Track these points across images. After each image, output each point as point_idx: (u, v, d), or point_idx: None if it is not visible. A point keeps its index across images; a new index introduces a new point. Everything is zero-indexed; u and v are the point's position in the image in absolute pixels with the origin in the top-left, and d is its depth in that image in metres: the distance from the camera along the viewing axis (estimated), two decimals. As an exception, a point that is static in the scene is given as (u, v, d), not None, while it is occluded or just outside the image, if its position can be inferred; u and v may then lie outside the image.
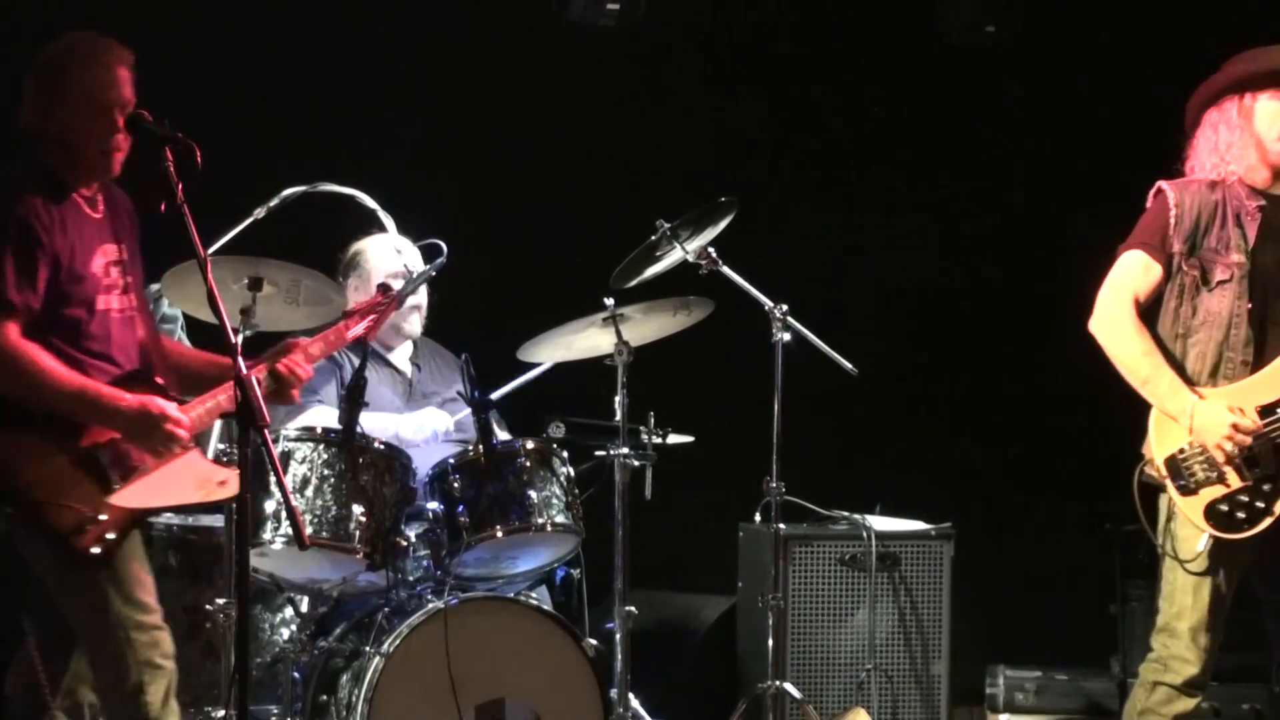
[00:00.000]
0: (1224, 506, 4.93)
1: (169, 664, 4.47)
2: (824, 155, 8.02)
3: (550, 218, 7.57)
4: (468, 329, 6.22)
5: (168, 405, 4.40)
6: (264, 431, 4.05)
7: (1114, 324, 5.06)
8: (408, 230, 6.00)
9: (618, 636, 5.68)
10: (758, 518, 6.61)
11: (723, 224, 6.05)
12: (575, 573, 5.91)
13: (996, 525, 7.63)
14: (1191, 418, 4.93)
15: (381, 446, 5.47)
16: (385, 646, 5.26)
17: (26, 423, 4.34)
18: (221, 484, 4.45)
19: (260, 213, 5.74)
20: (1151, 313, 5.10)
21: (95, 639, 4.43)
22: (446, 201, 6.82)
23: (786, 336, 6.05)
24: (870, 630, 6.58)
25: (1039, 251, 7.91)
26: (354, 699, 5.25)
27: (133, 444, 4.40)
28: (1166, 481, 4.99)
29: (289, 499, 4.45)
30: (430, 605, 5.33)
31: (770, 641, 6.16)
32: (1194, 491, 4.95)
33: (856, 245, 8.01)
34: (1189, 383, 4.99)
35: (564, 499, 5.56)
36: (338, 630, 5.58)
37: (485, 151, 7.44)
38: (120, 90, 4.45)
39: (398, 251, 6.01)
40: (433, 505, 5.51)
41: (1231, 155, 5.09)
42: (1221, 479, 4.93)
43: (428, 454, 5.71)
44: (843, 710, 6.24)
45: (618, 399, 5.76)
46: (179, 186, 4.20)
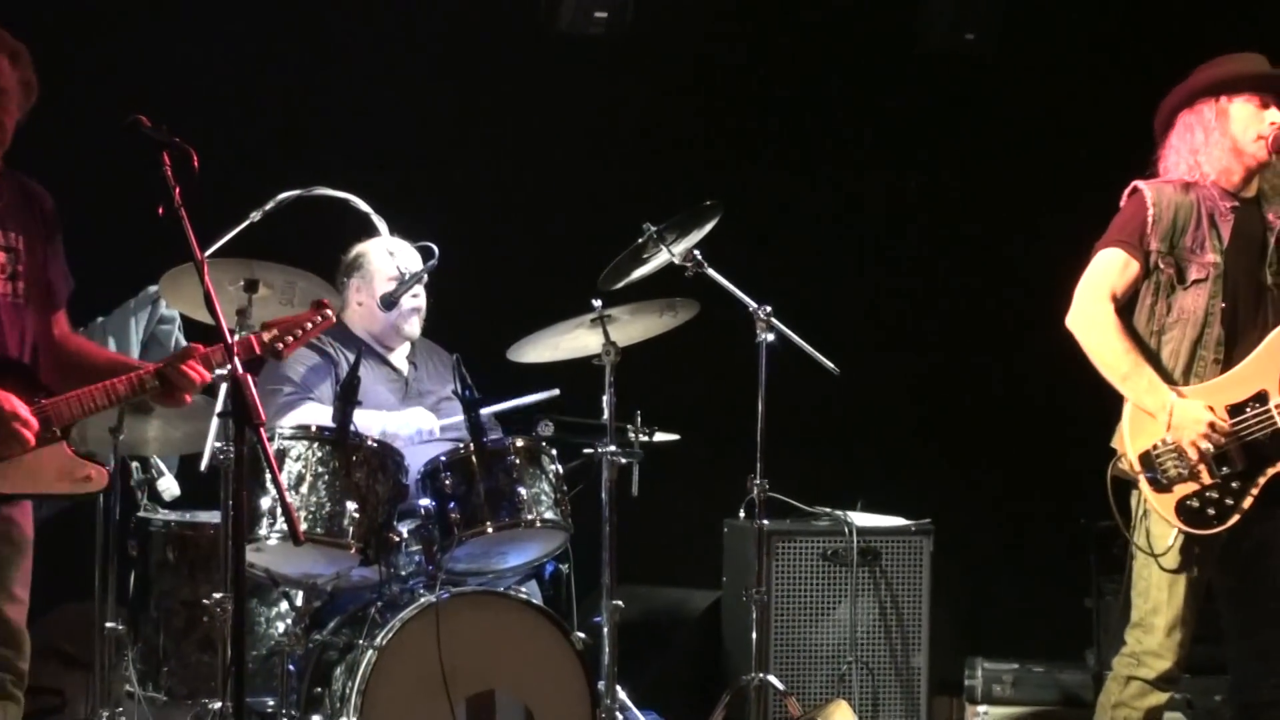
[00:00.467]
0: (1194, 503, 4.91)
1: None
2: (806, 160, 8.02)
3: (540, 221, 7.58)
4: (460, 329, 6.20)
5: (19, 405, 4.28)
6: (259, 430, 4.02)
7: (1093, 320, 5.03)
8: (401, 234, 5.99)
9: (605, 630, 5.68)
10: (742, 514, 6.59)
11: (708, 227, 6.06)
12: (564, 567, 5.89)
13: (975, 522, 7.64)
14: (1170, 414, 4.91)
15: (374, 444, 5.46)
16: (378, 640, 5.24)
17: None
18: (86, 479, 4.38)
19: (256, 216, 5.74)
20: (1126, 310, 5.07)
21: None
22: (439, 205, 6.81)
23: (770, 337, 6.03)
24: (852, 624, 6.58)
25: (1016, 253, 7.91)
26: (348, 691, 5.23)
27: None
28: (1140, 477, 4.96)
29: (284, 496, 4.40)
30: (422, 599, 5.32)
31: (754, 634, 6.14)
32: (1167, 488, 4.92)
33: (838, 247, 8.02)
34: (1168, 381, 4.98)
35: (553, 496, 5.55)
36: (332, 624, 5.56)
37: (477, 156, 7.45)
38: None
39: (390, 254, 6.01)
40: (425, 502, 5.50)
41: (1206, 157, 5.06)
42: (1193, 476, 4.91)
43: (419, 452, 5.69)
44: (825, 702, 6.23)
45: (605, 398, 5.77)
46: (176, 190, 4.17)
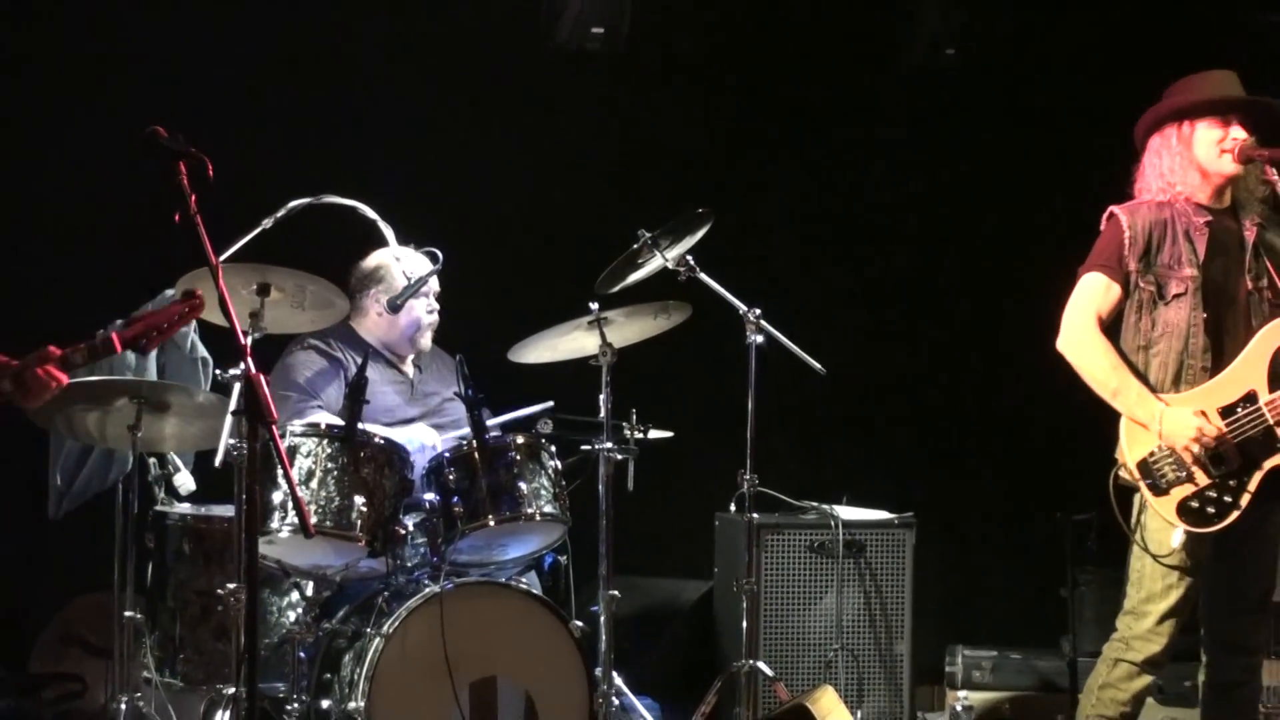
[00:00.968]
0: (1194, 503, 4.96)
1: None
2: (794, 170, 8.02)
3: (539, 227, 7.57)
4: (463, 331, 6.23)
5: None
6: (271, 427, 4.06)
7: (1081, 342, 5.09)
8: (406, 240, 6.01)
9: (602, 618, 5.69)
10: (733, 508, 6.60)
11: (700, 233, 6.07)
12: (562, 559, 5.92)
13: (955, 515, 7.64)
14: (1160, 423, 4.96)
15: (381, 441, 5.47)
16: (385, 628, 5.27)
17: None
18: None
19: (268, 223, 5.74)
20: (1113, 329, 5.13)
21: None
22: (443, 212, 6.82)
23: (759, 339, 6.06)
24: (838, 613, 6.60)
25: (994, 258, 7.93)
26: (356, 677, 5.25)
27: None
28: (1140, 483, 5.02)
29: (295, 490, 4.44)
30: (427, 590, 5.33)
31: (744, 623, 6.17)
32: (1165, 491, 4.97)
33: (824, 253, 8.02)
34: (1153, 391, 5.02)
35: (552, 490, 5.57)
36: (341, 613, 5.58)
37: (478, 165, 7.43)
38: None
39: (397, 259, 6.03)
40: (429, 496, 5.51)
41: (1176, 178, 5.13)
42: (1190, 478, 4.96)
43: (425, 455, 5.74)
44: (811, 687, 6.24)
45: (602, 397, 5.78)
46: (192, 198, 4.19)
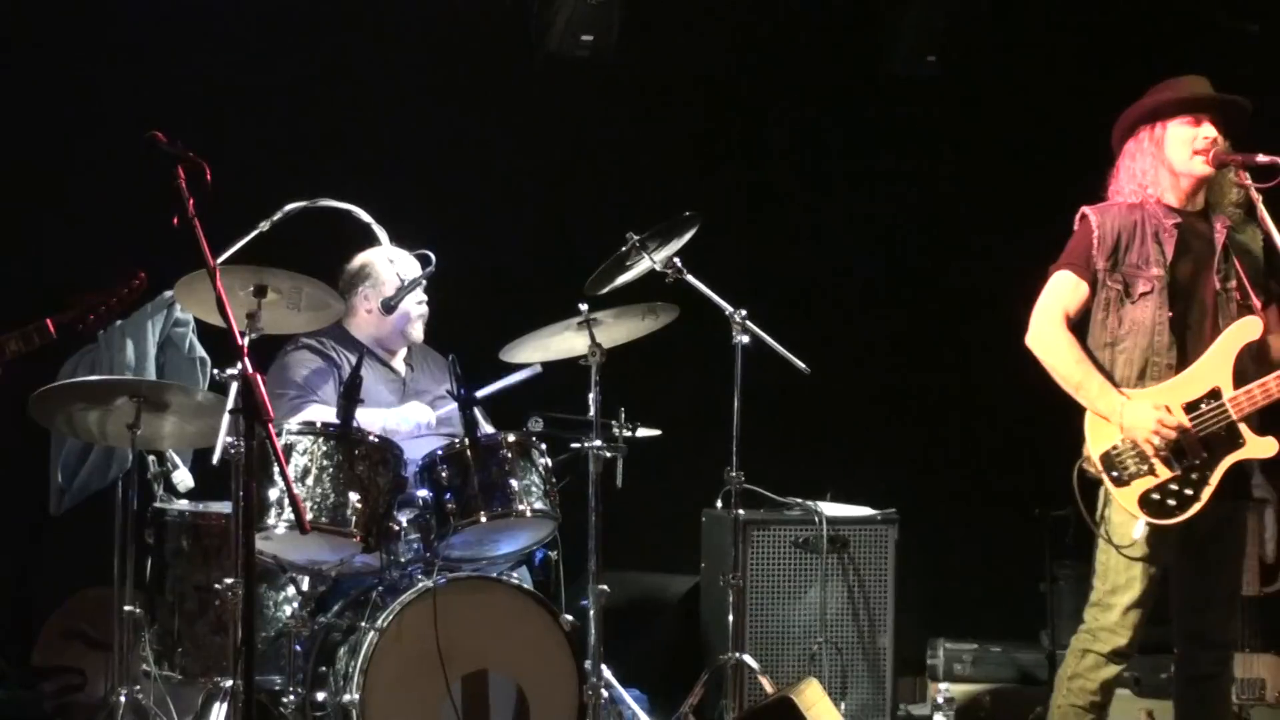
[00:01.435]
0: (1156, 495, 4.98)
1: None
2: (780, 173, 8.04)
3: (530, 230, 7.58)
4: (455, 331, 6.23)
5: None
6: (268, 426, 4.06)
7: (1047, 338, 5.12)
8: (399, 242, 6.02)
9: (591, 612, 5.69)
10: (719, 504, 6.60)
11: (687, 236, 6.09)
12: (553, 554, 5.91)
13: (937, 511, 7.65)
14: (1121, 416, 4.99)
15: (376, 439, 5.47)
16: (379, 622, 5.26)
17: None
18: None
19: (265, 226, 5.74)
20: (1081, 326, 5.15)
21: None
22: (435, 215, 6.82)
23: (745, 339, 6.08)
24: (822, 607, 6.60)
25: (977, 260, 7.93)
26: (351, 670, 5.24)
27: None
28: (1102, 475, 5.04)
29: (291, 487, 4.44)
30: (420, 584, 5.33)
31: (730, 617, 6.19)
32: (1127, 483, 5.00)
33: (807, 255, 8.03)
34: (1119, 387, 5.04)
35: (542, 487, 5.57)
36: (336, 607, 5.58)
37: (471, 170, 7.44)
38: None
39: (391, 261, 6.04)
40: (423, 493, 5.52)
41: (1148, 180, 5.14)
42: (1151, 471, 4.98)
43: (418, 446, 5.73)
44: (796, 680, 6.24)
45: (591, 396, 5.78)
46: (190, 202, 4.19)
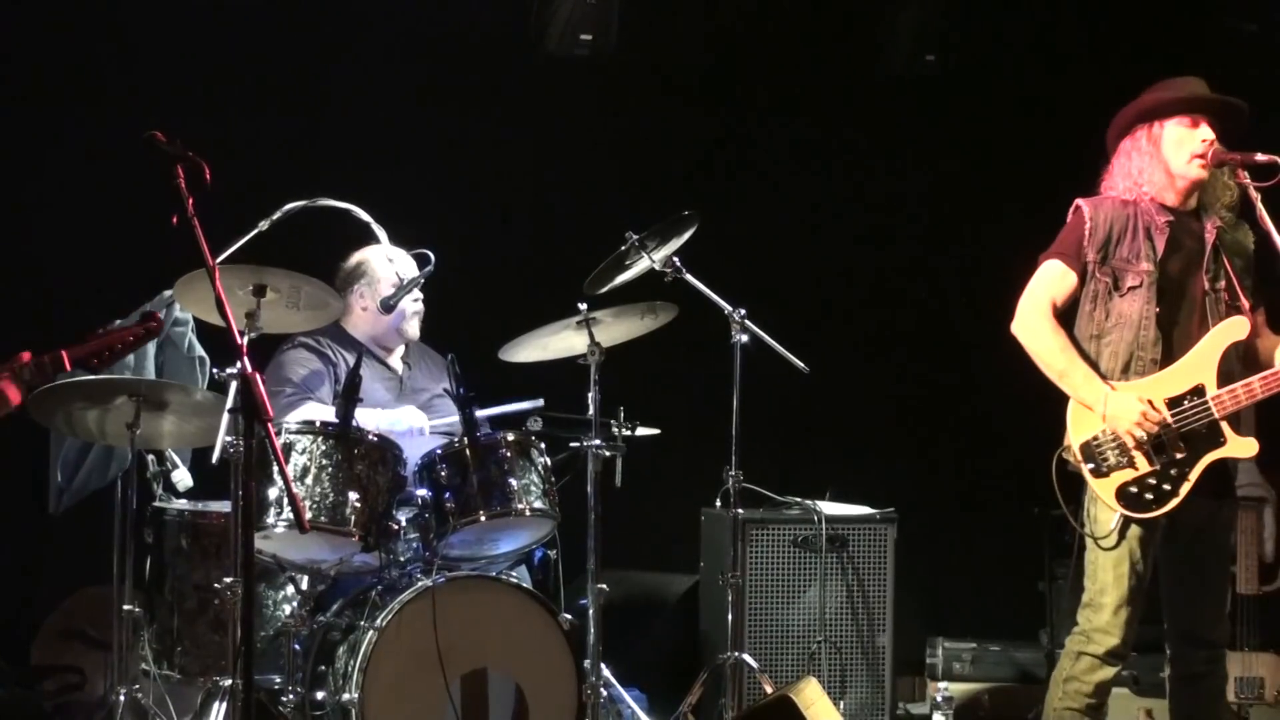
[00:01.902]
0: (1134, 488, 4.98)
1: None
2: (778, 172, 8.03)
3: (529, 230, 7.58)
4: (454, 330, 6.22)
5: None
6: (267, 425, 4.04)
7: (1032, 324, 5.12)
8: (399, 241, 6.00)
9: (590, 611, 5.68)
10: (718, 503, 6.59)
11: (686, 235, 6.08)
12: (552, 553, 5.90)
13: (935, 511, 7.66)
14: (1105, 406, 4.99)
15: (375, 438, 5.46)
16: (378, 621, 5.26)
17: None
18: None
19: (264, 225, 5.73)
20: (1068, 317, 5.15)
21: None
22: (434, 214, 6.80)
23: (744, 338, 6.06)
24: (821, 606, 6.59)
25: (973, 257, 7.94)
26: (350, 669, 5.25)
27: None
28: (1081, 465, 5.04)
29: (290, 486, 4.44)
30: (419, 583, 5.33)
31: (729, 616, 6.18)
32: (1106, 474, 5.00)
33: (807, 255, 8.02)
34: (1103, 378, 5.03)
35: (541, 486, 5.57)
36: (335, 606, 5.58)
37: (471, 169, 7.44)
38: None
39: (390, 260, 6.02)
40: (422, 492, 5.51)
41: (1144, 179, 5.14)
42: (1131, 463, 4.98)
43: (416, 446, 5.72)
44: (795, 679, 6.24)
45: (590, 395, 5.77)
46: (189, 201, 4.18)
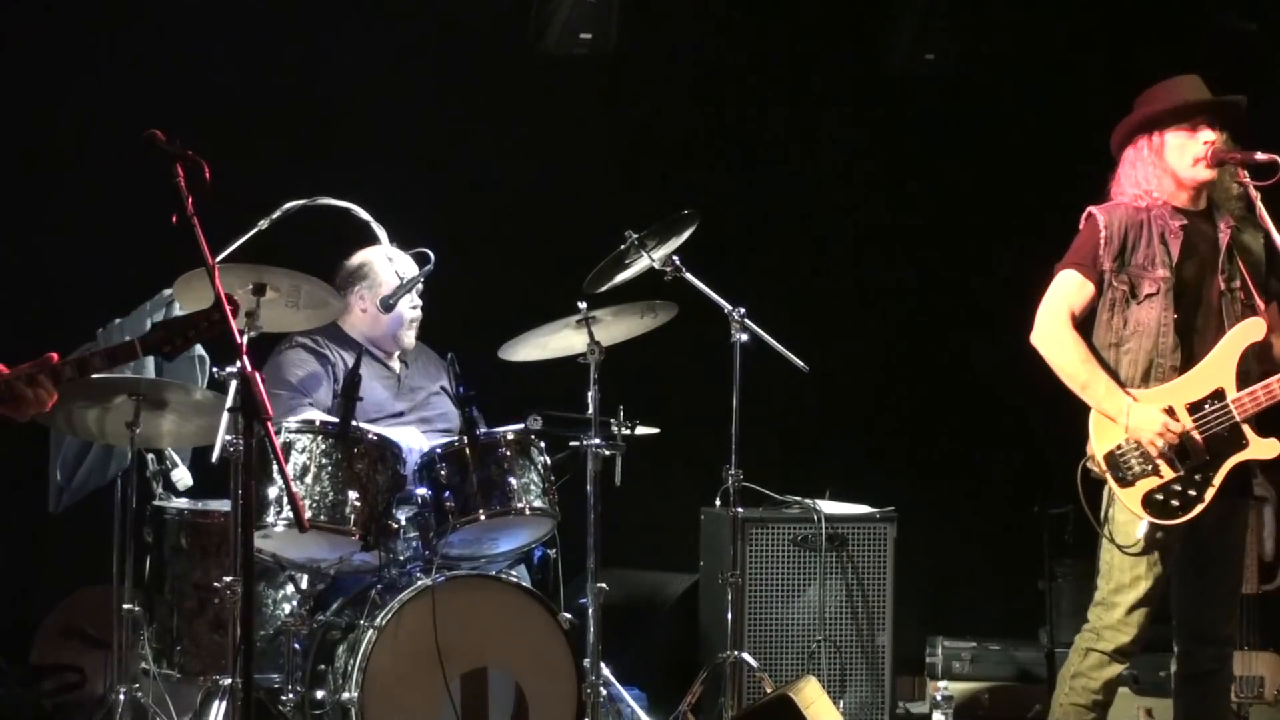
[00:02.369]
0: (1159, 496, 4.98)
1: None
2: (779, 170, 8.02)
3: (529, 228, 7.56)
4: (454, 329, 6.22)
5: None
6: (267, 424, 4.04)
7: (1053, 337, 5.11)
8: (398, 241, 5.99)
9: (590, 611, 5.68)
10: (718, 502, 6.57)
11: (686, 234, 6.07)
12: (551, 552, 5.89)
13: (935, 509, 7.64)
14: (1127, 416, 4.98)
15: (374, 437, 5.47)
16: (378, 620, 5.26)
17: None
18: None
19: (264, 224, 5.73)
20: (1086, 326, 5.14)
21: None
22: (434, 214, 6.80)
23: (744, 337, 6.06)
24: (820, 605, 6.58)
25: (977, 259, 7.92)
26: (350, 668, 5.25)
27: None
28: (1106, 475, 5.04)
29: (290, 486, 4.44)
30: (419, 582, 5.33)
31: (729, 615, 6.17)
32: (1131, 483, 4.99)
33: (807, 254, 8.01)
34: (1123, 386, 5.03)
35: (541, 485, 5.56)
36: (334, 605, 5.58)
37: (470, 168, 7.43)
38: None
39: (389, 260, 6.01)
40: (421, 491, 5.50)
41: (1152, 185, 5.14)
42: (1155, 471, 4.98)
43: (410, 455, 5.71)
44: (795, 678, 6.23)
45: (590, 394, 5.77)
46: (189, 200, 4.17)
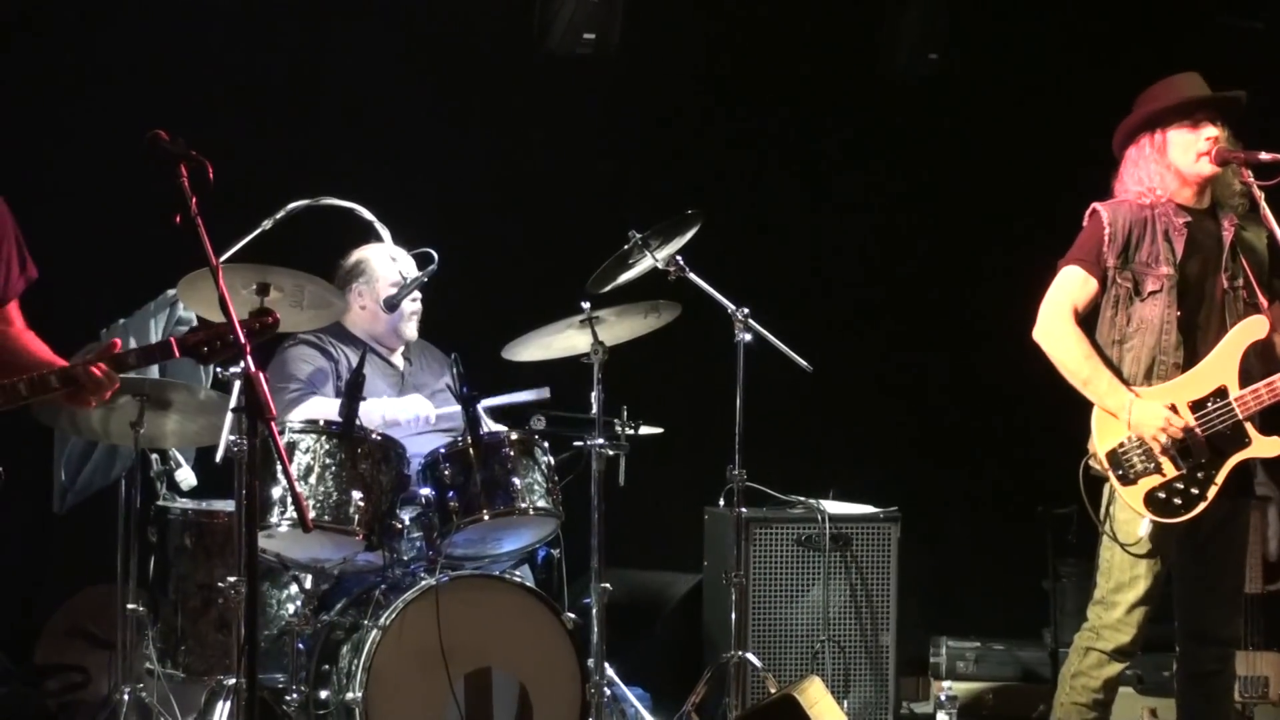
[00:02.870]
0: (1161, 494, 4.97)
1: None
2: (782, 170, 8.02)
3: (532, 228, 7.57)
4: (457, 329, 6.22)
5: None
6: (271, 424, 4.03)
7: (1055, 333, 5.10)
8: (402, 240, 6.00)
9: (594, 610, 5.70)
10: (721, 502, 6.60)
11: (689, 234, 6.08)
12: (555, 552, 5.89)
13: (939, 509, 7.66)
14: (1129, 413, 4.97)
15: (378, 437, 5.46)
16: (382, 620, 5.25)
17: None
18: None
19: (267, 224, 5.75)
20: (1089, 322, 5.14)
21: None
22: (438, 213, 6.81)
23: (747, 337, 6.06)
24: (824, 605, 6.58)
25: (977, 257, 7.94)
26: (353, 668, 5.24)
27: None
28: (1108, 473, 5.03)
29: (294, 486, 4.41)
30: (423, 582, 5.33)
31: (733, 615, 6.16)
32: (1133, 481, 4.99)
33: (811, 253, 8.02)
34: (1126, 384, 5.03)
35: (545, 485, 5.56)
36: (338, 605, 5.58)
37: (473, 168, 7.44)
38: None
39: (392, 259, 6.02)
40: (425, 491, 5.50)
41: (1155, 183, 5.13)
42: (1158, 469, 4.97)
43: (420, 443, 5.71)
44: (799, 678, 6.23)
45: (594, 394, 5.78)
46: (193, 200, 4.17)
